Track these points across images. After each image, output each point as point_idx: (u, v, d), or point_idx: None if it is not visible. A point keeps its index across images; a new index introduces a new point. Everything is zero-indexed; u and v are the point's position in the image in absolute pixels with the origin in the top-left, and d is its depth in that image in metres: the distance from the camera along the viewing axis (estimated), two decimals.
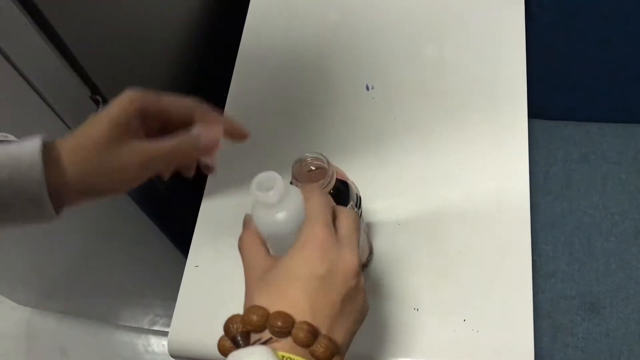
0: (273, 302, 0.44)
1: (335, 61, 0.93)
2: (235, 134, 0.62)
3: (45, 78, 0.63)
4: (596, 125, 1.00)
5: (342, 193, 0.63)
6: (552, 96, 1.02)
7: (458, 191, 0.79)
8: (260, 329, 0.43)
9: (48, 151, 0.49)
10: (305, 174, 0.61)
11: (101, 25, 0.70)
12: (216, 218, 0.82)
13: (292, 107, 0.90)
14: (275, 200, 0.48)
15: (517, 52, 0.88)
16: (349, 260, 0.47)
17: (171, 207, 0.93)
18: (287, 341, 0.43)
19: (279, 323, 0.42)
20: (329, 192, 0.62)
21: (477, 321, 0.71)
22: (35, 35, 0.60)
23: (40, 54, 0.62)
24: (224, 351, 0.44)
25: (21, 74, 0.61)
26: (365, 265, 0.75)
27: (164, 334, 1.56)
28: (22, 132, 0.70)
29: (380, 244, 0.77)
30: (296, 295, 0.44)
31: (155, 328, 1.54)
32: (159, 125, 0.56)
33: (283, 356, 0.41)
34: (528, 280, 0.73)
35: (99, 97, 0.70)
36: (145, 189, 0.73)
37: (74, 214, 0.92)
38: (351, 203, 0.65)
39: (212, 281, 0.79)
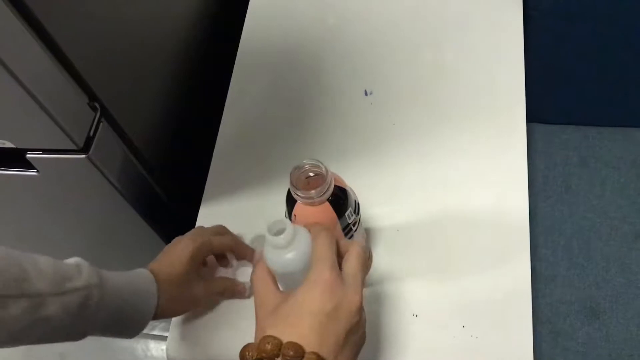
0: (284, 334, 0.50)
1: (333, 66, 0.93)
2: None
3: (42, 85, 0.63)
4: (595, 129, 0.99)
5: (340, 200, 0.63)
6: (551, 100, 1.02)
7: (457, 196, 0.79)
8: (273, 357, 0.49)
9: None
10: (303, 181, 0.61)
11: (99, 32, 0.70)
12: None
13: (290, 113, 0.90)
14: (285, 243, 0.55)
15: (515, 57, 0.88)
16: (353, 299, 0.52)
17: (171, 214, 0.93)
18: None
19: (291, 352, 0.48)
20: (328, 199, 0.62)
21: (476, 327, 0.71)
22: (33, 42, 0.59)
23: (37, 61, 0.61)
24: None
25: (18, 81, 0.61)
26: None
27: (163, 338, 1.56)
28: (20, 140, 0.71)
29: (379, 250, 0.77)
30: (306, 329, 0.50)
31: (154, 333, 1.53)
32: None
33: None
34: (527, 285, 0.72)
35: (97, 104, 0.70)
36: (146, 197, 0.73)
37: (75, 222, 0.92)
38: (349, 209, 0.65)
39: None
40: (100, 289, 0.58)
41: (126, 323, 0.62)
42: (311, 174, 0.62)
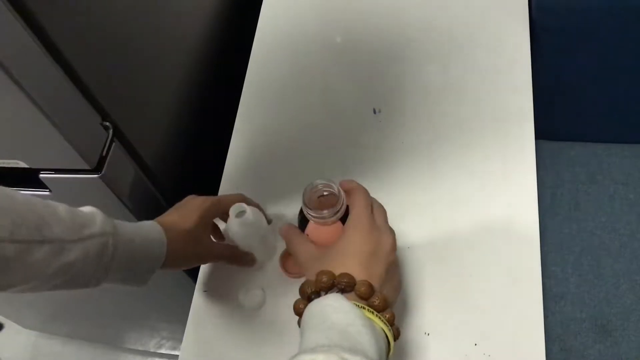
0: (335, 270, 0.56)
1: (342, 85, 0.94)
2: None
3: (56, 105, 0.64)
4: (603, 146, 1.00)
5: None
6: (558, 117, 1.02)
7: (467, 214, 0.79)
8: (329, 287, 0.56)
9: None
10: (315, 200, 0.62)
11: (112, 53, 0.71)
12: None
13: (299, 132, 0.90)
14: (248, 221, 0.72)
15: (523, 74, 0.88)
16: (387, 240, 0.61)
17: None
18: (351, 295, 0.55)
19: (345, 280, 0.55)
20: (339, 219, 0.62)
21: (488, 345, 0.70)
22: (47, 63, 0.60)
23: (51, 81, 0.62)
24: (299, 311, 0.57)
25: (33, 101, 0.61)
26: None
27: (171, 357, 1.55)
28: (32, 160, 0.71)
29: None
30: (353, 265, 0.57)
31: (162, 351, 1.53)
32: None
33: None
34: (539, 302, 0.72)
35: (109, 124, 0.70)
36: (154, 212, 0.73)
37: None
38: None
39: (221, 306, 0.78)
40: (114, 236, 0.60)
41: (137, 270, 0.64)
42: (325, 193, 0.62)
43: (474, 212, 0.79)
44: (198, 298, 0.79)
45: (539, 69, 0.89)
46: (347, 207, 0.63)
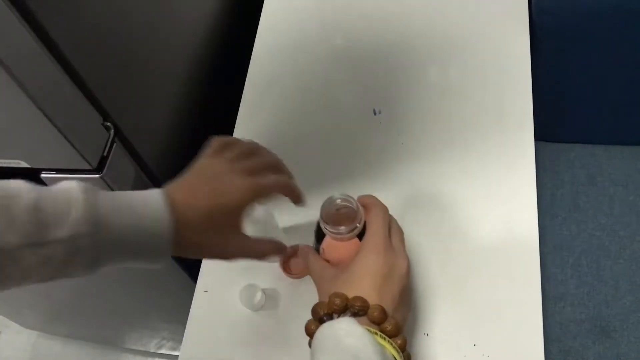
0: (349, 293, 0.56)
1: (342, 86, 0.94)
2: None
3: (57, 105, 0.64)
4: (602, 147, 1.00)
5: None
6: (558, 118, 1.03)
7: (466, 215, 0.79)
8: (341, 310, 0.55)
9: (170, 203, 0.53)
10: (332, 214, 0.62)
11: (113, 53, 0.71)
12: None
13: (300, 132, 0.91)
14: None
15: (523, 76, 0.89)
16: (403, 264, 0.60)
17: None
18: (363, 319, 0.55)
19: (358, 304, 0.55)
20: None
21: (487, 346, 0.71)
22: (48, 63, 0.60)
23: (52, 81, 0.62)
24: (310, 332, 0.56)
25: (34, 102, 0.62)
26: None
27: (171, 357, 1.56)
28: (34, 159, 0.71)
29: None
30: (367, 288, 0.57)
31: (162, 352, 1.53)
32: None
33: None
34: (538, 304, 0.72)
35: (110, 124, 0.71)
36: None
37: None
38: None
39: (222, 306, 0.79)
40: (92, 237, 0.48)
41: (138, 263, 0.54)
42: (344, 206, 0.62)
43: (474, 213, 0.79)
44: (198, 298, 0.80)
45: (539, 71, 0.89)
46: (365, 222, 0.63)
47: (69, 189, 0.49)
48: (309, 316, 0.59)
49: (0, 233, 0.45)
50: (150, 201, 0.52)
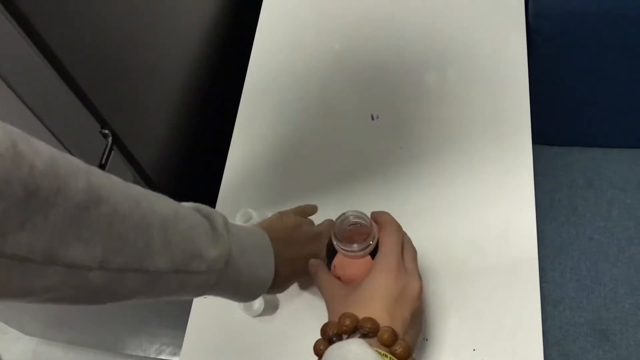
0: (359, 314, 0.55)
1: (340, 92, 0.94)
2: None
3: (55, 114, 0.64)
4: (600, 151, 1.00)
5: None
6: (556, 122, 1.03)
7: (465, 219, 0.79)
8: (351, 331, 0.54)
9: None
10: (344, 231, 0.61)
11: (111, 61, 0.71)
12: None
13: (298, 137, 0.91)
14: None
15: (520, 80, 0.89)
16: (415, 285, 0.59)
17: None
18: (373, 341, 0.53)
19: (368, 325, 0.54)
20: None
21: (487, 350, 0.71)
22: (45, 71, 0.61)
23: (50, 89, 0.63)
24: (319, 352, 0.55)
25: (31, 109, 0.62)
26: None
27: None
28: None
29: None
30: (377, 310, 0.56)
31: (162, 357, 1.53)
32: None
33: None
34: (537, 308, 0.72)
35: (108, 132, 0.71)
36: None
37: None
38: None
39: (221, 312, 0.79)
40: (220, 274, 0.54)
41: (228, 297, 0.59)
42: (356, 223, 0.62)
43: (472, 217, 0.80)
44: (198, 304, 0.80)
45: (536, 74, 0.89)
46: (378, 239, 0.62)
47: (216, 219, 0.55)
48: (308, 322, 0.59)
49: (157, 257, 0.47)
50: (266, 250, 0.61)
